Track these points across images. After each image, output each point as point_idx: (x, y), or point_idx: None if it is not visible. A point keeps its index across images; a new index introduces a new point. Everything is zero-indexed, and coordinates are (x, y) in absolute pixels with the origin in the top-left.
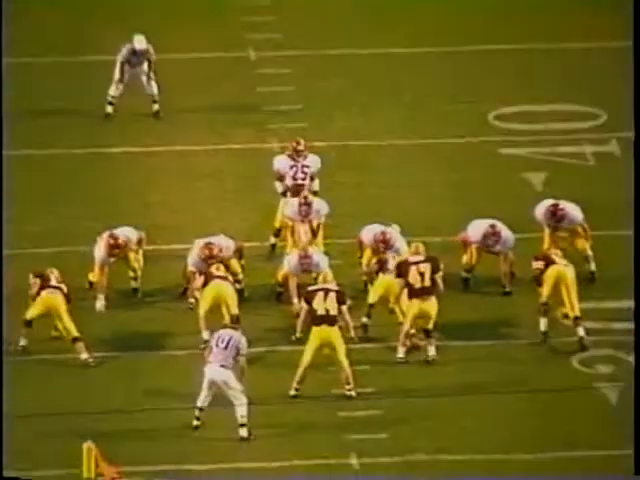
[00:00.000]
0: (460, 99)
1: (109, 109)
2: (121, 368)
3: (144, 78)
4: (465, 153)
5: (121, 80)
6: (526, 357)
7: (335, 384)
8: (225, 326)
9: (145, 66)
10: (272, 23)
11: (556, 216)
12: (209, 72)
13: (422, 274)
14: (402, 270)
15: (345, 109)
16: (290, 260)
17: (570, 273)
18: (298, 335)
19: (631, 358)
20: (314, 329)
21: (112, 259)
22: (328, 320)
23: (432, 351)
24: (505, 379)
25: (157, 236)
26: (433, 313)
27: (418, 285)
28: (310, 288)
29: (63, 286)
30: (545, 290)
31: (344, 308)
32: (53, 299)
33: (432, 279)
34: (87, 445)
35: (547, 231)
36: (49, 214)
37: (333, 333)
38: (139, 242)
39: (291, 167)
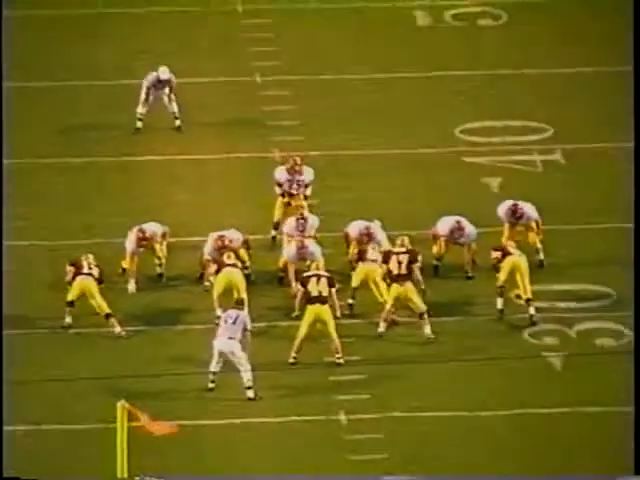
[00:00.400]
0: (431, 117)
1: (138, 124)
2: (149, 339)
3: (166, 99)
4: (435, 161)
5: (147, 100)
6: (485, 331)
7: (326, 353)
8: (233, 307)
9: (167, 89)
10: (275, 53)
11: (516, 214)
12: (222, 94)
13: (400, 263)
14: (385, 258)
15: (335, 125)
16: (289, 250)
17: (523, 262)
18: (296, 313)
19: (572, 331)
20: (309, 307)
21: (141, 249)
22: (320, 300)
23: (427, 330)
24: (468, 349)
25: (178, 230)
26: (411, 296)
27: (395, 272)
28: (305, 274)
29: (95, 271)
30: (502, 276)
31: (333, 290)
32: (86, 283)
33: (409, 268)
34: (121, 403)
35: (507, 226)
36: (88, 212)
37: (324, 311)
38: (163, 235)
39: (288, 180)
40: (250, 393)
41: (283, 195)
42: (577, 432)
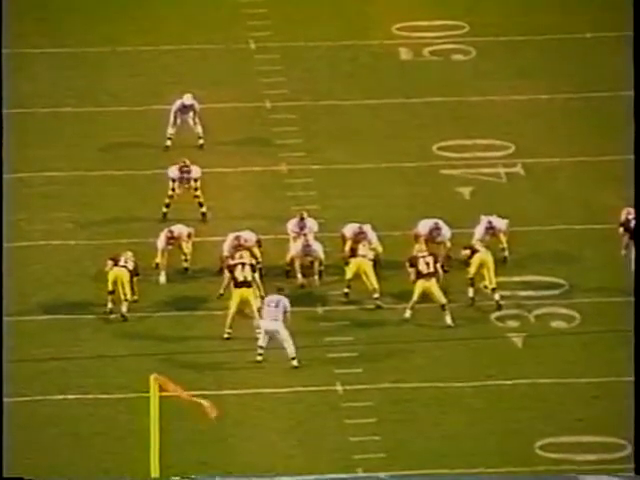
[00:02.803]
0: (413, 136)
1: (168, 143)
2: (177, 322)
3: (191, 122)
4: (417, 173)
5: (175, 123)
6: (459, 315)
7: (326, 334)
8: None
9: (191, 113)
10: (282, 83)
11: (491, 230)
12: (238, 117)
13: (428, 264)
14: (412, 261)
15: (333, 143)
16: (296, 247)
17: (489, 258)
18: (221, 292)
19: (531, 316)
20: (236, 290)
21: (170, 247)
22: (245, 284)
23: (448, 319)
24: (444, 331)
25: (201, 231)
26: (434, 290)
27: (425, 271)
28: (231, 262)
29: (130, 264)
30: (472, 269)
31: (256, 275)
32: (118, 273)
33: (435, 267)
34: (154, 376)
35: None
36: (128, 218)
37: (249, 293)
38: (189, 235)
39: (179, 177)
40: (295, 362)
41: (173, 189)
42: (535, 400)
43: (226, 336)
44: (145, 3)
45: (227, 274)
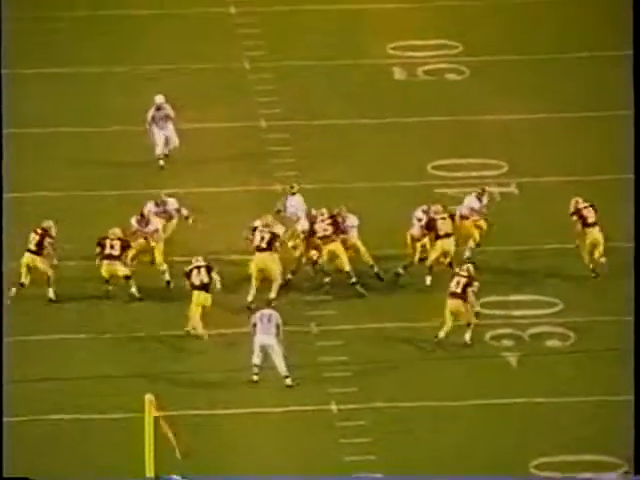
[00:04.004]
0: (408, 155)
1: (161, 162)
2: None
3: (170, 133)
4: (412, 192)
5: (156, 136)
6: (453, 334)
7: (320, 354)
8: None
9: (170, 125)
10: (276, 102)
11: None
12: (233, 136)
13: (458, 283)
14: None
15: (327, 162)
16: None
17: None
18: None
19: (526, 335)
20: (194, 292)
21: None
22: (202, 287)
23: (467, 336)
24: (439, 350)
25: (197, 248)
26: (462, 310)
27: (453, 289)
28: (188, 267)
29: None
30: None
31: (213, 274)
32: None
33: (464, 289)
34: (148, 396)
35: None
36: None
37: (207, 297)
38: None
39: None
40: (288, 381)
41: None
42: (530, 419)
43: (189, 330)
44: (140, 23)
45: (185, 281)
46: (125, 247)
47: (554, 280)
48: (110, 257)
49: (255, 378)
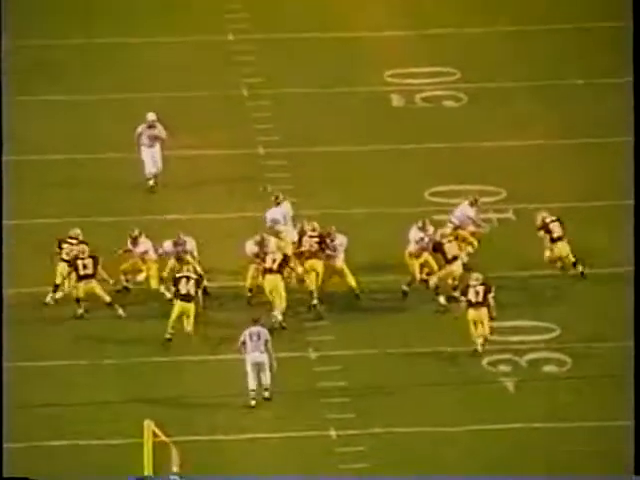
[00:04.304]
0: (405, 182)
1: (151, 183)
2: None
3: (157, 155)
4: (410, 218)
5: (145, 155)
6: (450, 359)
7: (319, 379)
8: (253, 324)
9: (158, 146)
10: (274, 129)
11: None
12: (231, 162)
13: (477, 293)
14: (463, 290)
15: (325, 188)
16: None
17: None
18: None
19: (523, 360)
20: (178, 302)
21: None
22: (187, 298)
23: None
24: (437, 375)
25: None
26: (483, 320)
27: (474, 300)
28: (177, 275)
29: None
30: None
31: (199, 291)
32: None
33: (485, 297)
34: (147, 422)
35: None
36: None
37: (190, 308)
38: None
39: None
40: (266, 393)
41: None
42: (527, 445)
43: (167, 337)
44: (137, 51)
45: (172, 287)
46: (96, 262)
47: (551, 306)
48: (86, 277)
49: (252, 403)
